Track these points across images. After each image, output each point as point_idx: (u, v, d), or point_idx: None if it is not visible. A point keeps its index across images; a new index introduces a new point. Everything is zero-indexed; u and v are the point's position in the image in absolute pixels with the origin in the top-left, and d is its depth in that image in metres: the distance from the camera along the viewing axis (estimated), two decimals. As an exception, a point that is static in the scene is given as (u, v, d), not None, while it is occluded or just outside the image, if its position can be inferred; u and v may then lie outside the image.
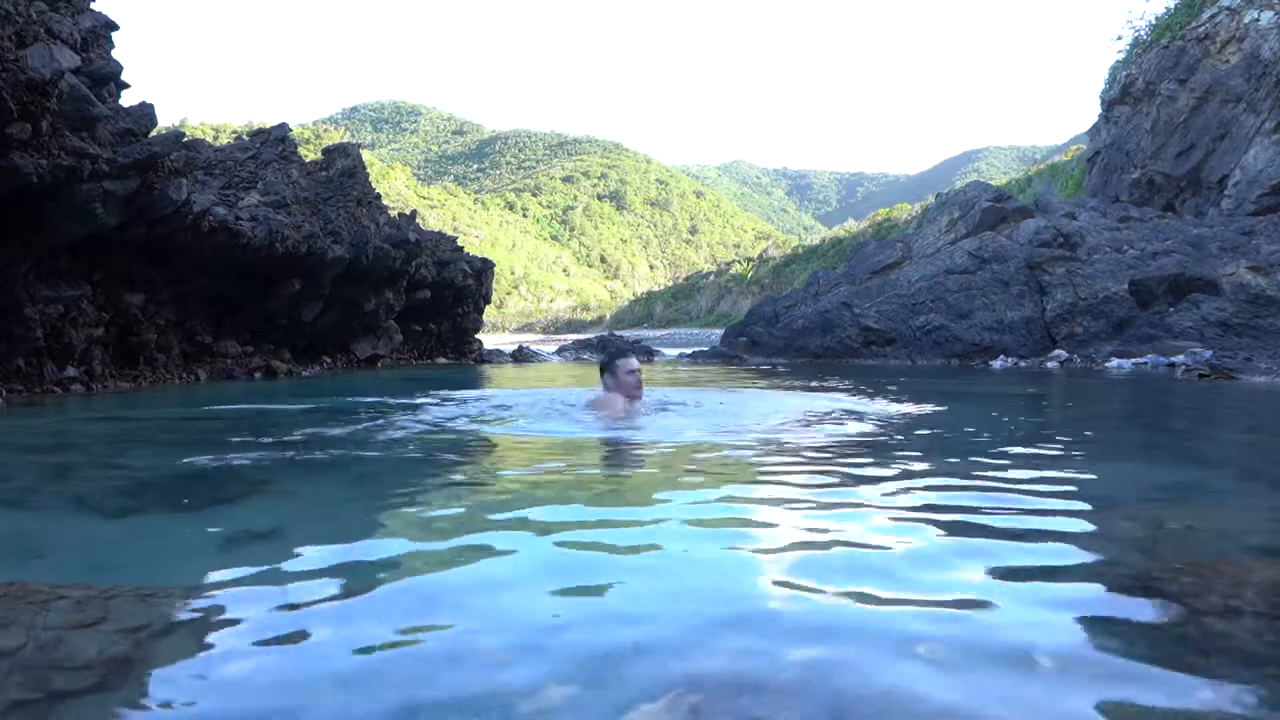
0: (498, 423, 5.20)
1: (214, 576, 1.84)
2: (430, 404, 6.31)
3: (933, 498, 2.68)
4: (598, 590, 1.75)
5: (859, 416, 5.10)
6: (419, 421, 5.05)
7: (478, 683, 1.28)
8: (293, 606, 1.62)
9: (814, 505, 2.55)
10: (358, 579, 1.86)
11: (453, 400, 6.68)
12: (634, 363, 5.12)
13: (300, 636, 1.48)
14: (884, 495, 2.71)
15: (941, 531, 2.21)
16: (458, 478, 3.27)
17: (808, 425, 4.69)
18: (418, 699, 1.22)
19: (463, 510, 2.67)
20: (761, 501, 2.65)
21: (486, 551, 2.12)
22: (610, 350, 4.83)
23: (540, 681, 1.27)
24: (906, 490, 2.80)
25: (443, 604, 1.66)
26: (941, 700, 1.22)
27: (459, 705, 1.21)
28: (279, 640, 1.46)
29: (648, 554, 2.06)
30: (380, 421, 5.06)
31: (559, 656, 1.37)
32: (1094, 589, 1.77)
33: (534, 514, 2.56)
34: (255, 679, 1.31)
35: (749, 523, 2.37)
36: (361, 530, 2.40)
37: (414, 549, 2.19)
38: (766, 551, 2.01)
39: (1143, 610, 1.64)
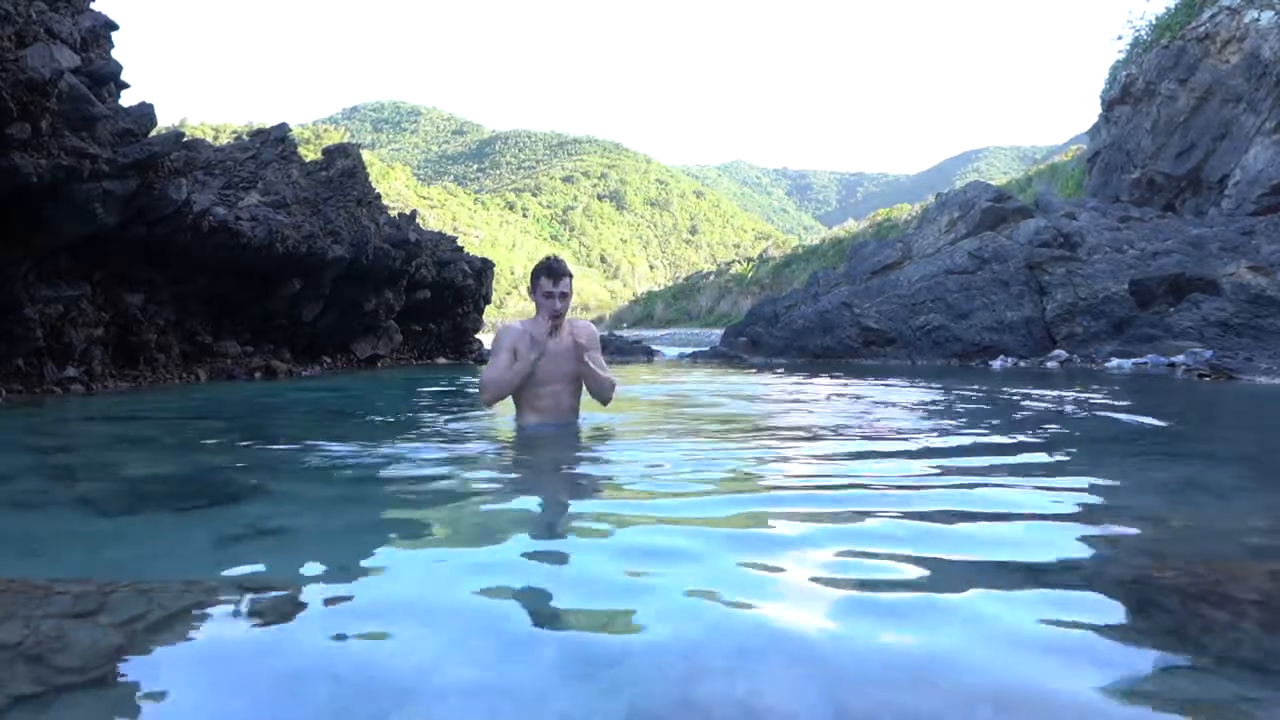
0: (500, 421, 5.20)
1: (214, 573, 1.84)
2: (431, 403, 6.30)
3: (928, 495, 2.68)
4: (603, 586, 1.75)
5: (851, 411, 5.11)
6: (419, 421, 5.05)
7: (474, 682, 1.28)
8: (291, 604, 1.62)
9: (815, 500, 2.55)
10: (357, 578, 1.86)
11: (454, 399, 6.68)
12: (561, 274, 3.96)
13: (298, 634, 1.49)
14: (879, 492, 2.71)
15: (938, 528, 2.21)
16: (461, 476, 3.26)
17: (793, 412, 4.70)
18: (413, 698, 1.22)
19: (466, 510, 2.67)
20: (760, 480, 2.65)
21: (488, 552, 2.12)
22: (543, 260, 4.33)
23: (536, 681, 1.28)
24: (902, 486, 2.80)
25: (442, 604, 1.66)
26: (938, 698, 1.22)
27: (455, 704, 1.21)
28: (277, 637, 1.47)
29: (654, 551, 2.05)
30: (381, 421, 5.06)
31: (557, 656, 1.37)
32: (1093, 588, 1.77)
33: (539, 512, 2.56)
34: (253, 675, 1.31)
35: (764, 512, 2.37)
36: (361, 530, 2.40)
37: (414, 549, 2.19)
38: (768, 548, 2.01)
39: (1142, 609, 1.64)
